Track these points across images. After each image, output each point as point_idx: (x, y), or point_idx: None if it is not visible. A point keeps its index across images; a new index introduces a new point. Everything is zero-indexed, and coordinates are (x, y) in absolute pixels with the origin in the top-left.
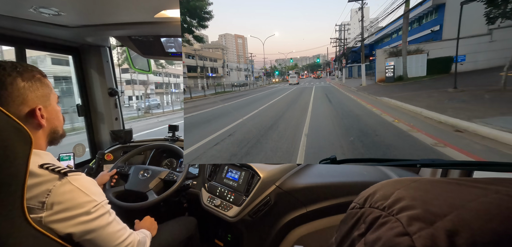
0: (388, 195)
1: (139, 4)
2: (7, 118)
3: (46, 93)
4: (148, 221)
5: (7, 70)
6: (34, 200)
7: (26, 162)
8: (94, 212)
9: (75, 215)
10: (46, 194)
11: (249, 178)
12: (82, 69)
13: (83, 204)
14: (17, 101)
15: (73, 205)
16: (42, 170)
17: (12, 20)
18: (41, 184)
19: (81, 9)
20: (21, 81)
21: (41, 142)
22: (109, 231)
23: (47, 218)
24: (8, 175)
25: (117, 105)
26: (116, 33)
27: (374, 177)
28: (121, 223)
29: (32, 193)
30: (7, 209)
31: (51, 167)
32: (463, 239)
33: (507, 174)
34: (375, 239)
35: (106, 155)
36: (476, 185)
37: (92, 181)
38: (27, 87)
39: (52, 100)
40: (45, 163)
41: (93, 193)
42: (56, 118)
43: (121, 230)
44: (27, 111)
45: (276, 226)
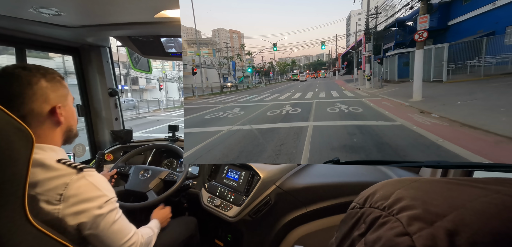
0: (388, 195)
1: (139, 4)
2: (9, 118)
3: (65, 94)
4: (166, 211)
5: (32, 71)
6: (52, 192)
7: (27, 162)
8: (105, 206)
9: (88, 208)
10: (64, 187)
11: (249, 178)
12: (82, 69)
13: (96, 198)
14: (40, 99)
15: (87, 198)
16: (60, 164)
17: (12, 20)
18: (59, 178)
19: (81, 9)
20: (44, 81)
21: (58, 139)
22: (116, 228)
23: (64, 210)
24: (10, 175)
25: (117, 105)
26: (116, 33)
27: (374, 177)
28: (127, 222)
29: (50, 186)
30: (8, 209)
31: (68, 163)
32: (463, 239)
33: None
34: (375, 239)
35: (106, 155)
36: (476, 185)
37: (103, 178)
38: (49, 87)
39: (69, 101)
40: (62, 159)
41: (105, 189)
42: (71, 117)
43: (126, 229)
44: (49, 109)
45: (276, 226)
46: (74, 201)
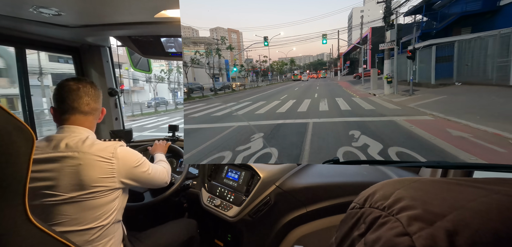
0: (388, 195)
1: (139, 4)
2: (9, 117)
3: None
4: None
5: (88, 82)
6: (105, 151)
7: (28, 160)
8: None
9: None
10: (112, 151)
11: (249, 178)
12: (82, 69)
13: (134, 158)
14: (98, 101)
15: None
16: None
17: (12, 20)
18: (109, 146)
19: (81, 9)
20: (96, 89)
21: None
22: (150, 172)
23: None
24: (11, 174)
25: (117, 105)
26: (116, 33)
27: (374, 177)
28: (155, 166)
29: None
30: (9, 208)
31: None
32: (463, 239)
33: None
34: (375, 239)
35: None
36: (476, 185)
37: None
38: (97, 94)
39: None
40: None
41: (137, 154)
42: (102, 115)
43: (156, 171)
44: (100, 108)
45: (276, 226)
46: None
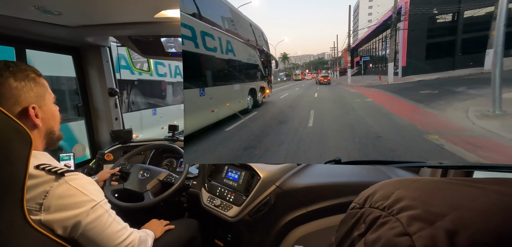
0: (388, 195)
1: (139, 4)
2: (7, 118)
3: (41, 93)
4: (154, 224)
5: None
6: (32, 202)
7: (26, 162)
8: (92, 212)
9: (74, 216)
10: (43, 195)
11: (249, 178)
12: (82, 69)
13: (81, 203)
14: (9, 101)
15: (71, 204)
16: (39, 171)
17: (12, 20)
18: (38, 186)
19: (81, 9)
20: (13, 81)
21: (38, 143)
22: (109, 231)
23: (46, 219)
24: (8, 176)
25: (117, 105)
26: (116, 33)
27: (374, 177)
28: (121, 223)
29: (30, 195)
30: (7, 210)
31: (47, 168)
32: (463, 239)
33: (508, 174)
34: (375, 239)
35: (106, 155)
36: (476, 185)
37: (90, 180)
38: (20, 87)
39: (47, 100)
40: (41, 164)
41: (91, 193)
42: (51, 118)
43: (121, 230)
44: (19, 111)
45: (276, 226)
46: (56, 210)
